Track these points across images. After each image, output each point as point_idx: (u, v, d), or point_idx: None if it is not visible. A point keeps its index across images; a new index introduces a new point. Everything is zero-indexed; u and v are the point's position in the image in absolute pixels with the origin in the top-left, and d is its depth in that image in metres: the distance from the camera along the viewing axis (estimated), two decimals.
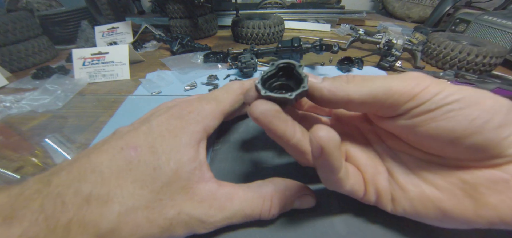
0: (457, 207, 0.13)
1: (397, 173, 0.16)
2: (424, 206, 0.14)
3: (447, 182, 0.14)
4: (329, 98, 0.15)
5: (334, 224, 0.17)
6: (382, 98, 0.14)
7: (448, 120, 0.13)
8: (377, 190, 0.16)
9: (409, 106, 0.13)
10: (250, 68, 0.42)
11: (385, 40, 0.49)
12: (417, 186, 0.15)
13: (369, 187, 0.16)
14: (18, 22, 0.50)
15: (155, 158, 0.15)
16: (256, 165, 0.22)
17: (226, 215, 0.15)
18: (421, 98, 0.13)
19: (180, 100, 0.19)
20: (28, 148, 0.27)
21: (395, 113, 0.14)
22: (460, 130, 0.12)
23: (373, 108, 0.15)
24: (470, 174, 0.13)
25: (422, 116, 0.13)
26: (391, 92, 0.14)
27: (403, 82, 0.14)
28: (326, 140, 0.12)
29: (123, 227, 0.13)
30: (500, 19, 0.50)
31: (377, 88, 0.14)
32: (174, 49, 0.54)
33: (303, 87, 0.15)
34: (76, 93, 0.40)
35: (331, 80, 0.15)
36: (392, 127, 0.15)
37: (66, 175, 0.13)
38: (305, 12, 0.81)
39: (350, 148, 0.18)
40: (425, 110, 0.13)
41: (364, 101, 0.14)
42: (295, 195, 0.17)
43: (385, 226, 0.17)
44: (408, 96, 0.13)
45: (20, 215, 0.11)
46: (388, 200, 0.16)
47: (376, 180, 0.16)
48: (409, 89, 0.13)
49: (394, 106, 0.14)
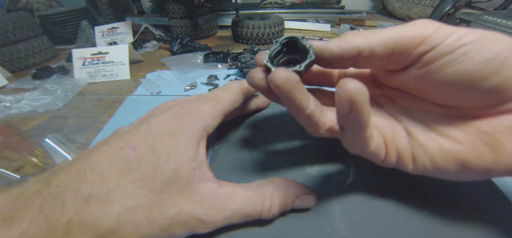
0: (476, 157, 0.13)
1: (414, 131, 0.16)
2: (445, 160, 0.14)
3: (466, 133, 0.14)
4: (339, 55, 0.15)
5: (334, 224, 0.17)
6: (392, 45, 0.13)
7: (465, 62, 0.12)
8: (397, 150, 0.16)
9: (420, 51, 0.13)
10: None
11: None
12: (435, 141, 0.15)
13: (390, 147, 0.16)
14: (18, 22, 0.50)
15: (154, 158, 0.15)
16: (256, 165, 0.22)
17: (226, 215, 0.15)
18: (433, 42, 0.13)
19: (180, 100, 0.19)
20: (28, 148, 0.27)
21: (407, 62, 0.14)
22: (478, 72, 0.12)
23: (383, 59, 0.14)
24: (488, 122, 0.13)
25: (435, 62, 0.13)
26: (400, 38, 0.13)
27: (412, 27, 0.13)
28: (356, 92, 0.11)
29: (123, 227, 0.13)
30: (500, 19, 0.50)
31: (385, 35, 0.14)
32: (174, 49, 0.54)
33: (310, 57, 0.15)
34: (76, 93, 0.40)
35: (338, 38, 0.15)
36: (404, 81, 0.15)
37: (65, 175, 0.13)
38: (305, 12, 0.81)
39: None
40: (438, 55, 0.13)
41: (373, 51, 0.14)
42: (295, 195, 0.17)
43: (385, 226, 0.17)
44: (419, 40, 0.13)
45: (19, 215, 0.11)
46: (409, 159, 0.16)
47: (395, 140, 0.16)
48: (418, 33, 0.13)
49: (404, 53, 0.14)
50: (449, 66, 0.12)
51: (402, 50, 0.13)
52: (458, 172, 0.14)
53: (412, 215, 0.17)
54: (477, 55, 0.12)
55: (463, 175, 0.14)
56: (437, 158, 0.14)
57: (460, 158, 0.14)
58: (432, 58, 0.13)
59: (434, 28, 0.13)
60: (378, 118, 0.17)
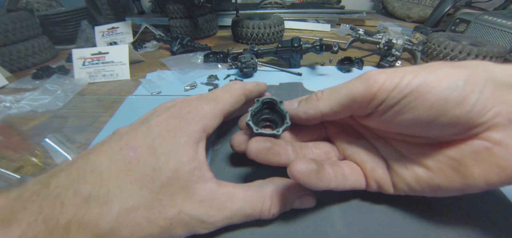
0: (447, 182, 0.14)
1: (391, 161, 0.17)
2: (420, 186, 0.16)
3: (436, 160, 0.15)
4: (307, 119, 0.17)
5: (334, 224, 0.17)
6: (349, 104, 0.15)
7: (411, 111, 0.13)
8: (377, 181, 0.17)
9: (373, 105, 0.15)
10: (250, 68, 0.42)
11: (385, 40, 0.49)
12: (410, 169, 0.16)
13: (370, 180, 0.17)
14: (18, 22, 0.50)
15: (154, 158, 0.15)
16: (256, 165, 0.22)
17: (226, 215, 0.15)
18: (380, 96, 0.14)
19: (180, 100, 0.19)
20: (28, 148, 0.27)
21: (366, 112, 0.16)
22: (425, 117, 0.13)
23: (346, 114, 0.17)
24: (456, 149, 0.14)
25: (388, 112, 0.14)
26: (354, 98, 0.15)
27: (362, 84, 0.15)
28: (298, 174, 0.14)
29: (123, 227, 0.13)
30: (500, 19, 0.50)
31: (341, 97, 0.16)
32: (174, 49, 0.54)
33: (287, 123, 0.18)
34: (76, 93, 0.40)
35: (304, 101, 0.18)
36: (370, 123, 0.17)
37: (65, 176, 0.13)
38: (305, 12, 0.81)
39: (347, 146, 0.19)
40: (387, 107, 0.14)
41: (335, 112, 0.16)
42: (295, 195, 0.17)
43: (385, 226, 0.17)
44: (369, 97, 0.14)
45: (18, 216, 0.11)
46: (389, 186, 0.17)
47: (375, 173, 0.17)
48: (367, 90, 0.14)
49: (361, 108, 0.15)
50: (398, 115, 0.14)
51: (359, 106, 0.15)
52: (434, 193, 0.15)
53: (411, 215, 0.17)
54: (419, 105, 0.13)
55: (439, 194, 0.15)
56: (413, 184, 0.16)
57: (433, 183, 0.15)
58: (384, 110, 0.14)
59: (381, 82, 0.14)
60: (360, 150, 0.18)
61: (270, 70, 0.46)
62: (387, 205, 0.18)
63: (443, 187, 0.14)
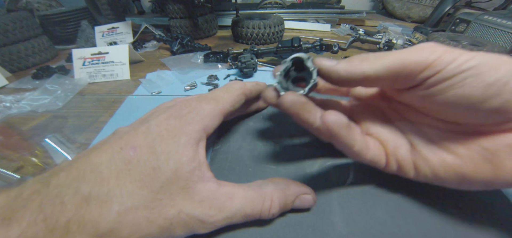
0: (476, 172, 0.14)
1: (418, 145, 0.17)
2: (446, 172, 0.15)
3: (468, 149, 0.14)
4: (346, 78, 0.16)
5: (334, 224, 0.17)
6: (397, 70, 0.14)
7: (465, 87, 0.13)
8: (398, 161, 0.17)
9: (424, 75, 0.14)
10: (250, 68, 0.42)
11: (385, 40, 0.49)
12: (438, 155, 0.16)
13: (390, 158, 0.17)
14: (18, 22, 0.50)
15: (154, 158, 0.15)
16: (256, 165, 0.22)
17: (226, 215, 0.15)
18: (436, 67, 0.13)
19: (180, 100, 0.19)
20: (28, 148, 0.27)
21: (411, 84, 0.15)
22: (477, 95, 0.13)
23: (389, 82, 0.15)
24: (490, 140, 0.14)
25: (438, 85, 0.14)
26: (405, 64, 0.14)
27: (416, 52, 0.14)
28: (331, 123, 0.14)
29: (123, 227, 0.13)
30: (500, 19, 0.50)
31: (391, 61, 0.14)
32: (174, 49, 0.54)
33: (314, 81, 0.16)
34: (76, 93, 0.40)
35: (346, 61, 0.16)
36: (410, 99, 0.16)
37: (65, 175, 0.13)
38: (305, 12, 0.81)
39: (371, 125, 0.19)
40: (441, 79, 0.13)
41: (379, 76, 0.15)
42: (295, 195, 0.17)
43: (385, 227, 0.17)
44: (423, 66, 0.14)
45: (18, 215, 0.11)
46: (410, 169, 0.17)
47: (397, 153, 0.17)
48: (423, 59, 0.14)
49: (409, 77, 0.14)
50: (449, 90, 0.13)
51: (407, 75, 0.14)
52: (458, 183, 0.15)
53: (412, 215, 0.17)
54: (476, 81, 0.13)
55: (464, 186, 0.15)
56: (438, 169, 0.15)
57: (460, 171, 0.15)
58: (435, 82, 0.14)
59: (439, 53, 0.13)
60: (383, 130, 0.18)
61: (270, 70, 0.46)
62: (388, 205, 0.18)
63: (470, 176, 0.14)
